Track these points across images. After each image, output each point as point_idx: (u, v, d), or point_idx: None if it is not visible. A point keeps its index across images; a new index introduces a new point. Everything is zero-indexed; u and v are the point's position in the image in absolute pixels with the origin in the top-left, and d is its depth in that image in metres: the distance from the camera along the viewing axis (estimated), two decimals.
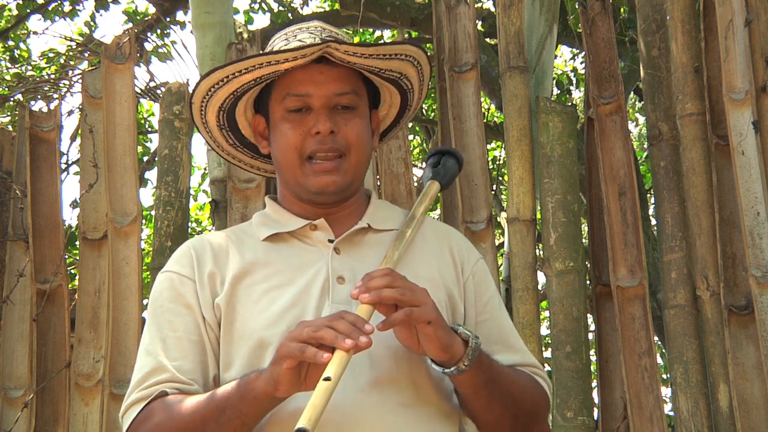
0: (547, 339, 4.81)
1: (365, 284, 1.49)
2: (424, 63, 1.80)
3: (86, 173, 2.75)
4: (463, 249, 1.78)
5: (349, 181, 1.70)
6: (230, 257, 1.68)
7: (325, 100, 1.67)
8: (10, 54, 7.04)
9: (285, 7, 6.91)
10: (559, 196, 2.57)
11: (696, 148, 2.51)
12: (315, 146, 1.66)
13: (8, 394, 2.68)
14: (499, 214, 6.59)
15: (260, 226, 1.74)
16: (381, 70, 1.74)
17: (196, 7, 2.99)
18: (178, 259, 1.71)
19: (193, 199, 8.00)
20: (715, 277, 2.42)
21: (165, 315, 1.65)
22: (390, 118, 1.89)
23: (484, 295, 1.75)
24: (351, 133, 1.68)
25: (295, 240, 1.70)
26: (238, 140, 1.86)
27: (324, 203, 1.71)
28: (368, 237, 1.71)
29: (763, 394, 2.32)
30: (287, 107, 1.69)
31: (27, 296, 2.74)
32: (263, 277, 1.65)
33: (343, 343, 1.39)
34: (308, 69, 1.68)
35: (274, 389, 1.44)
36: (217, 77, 1.71)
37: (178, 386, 1.58)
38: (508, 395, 1.61)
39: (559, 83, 6.95)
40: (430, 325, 1.48)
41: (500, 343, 1.70)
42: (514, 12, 2.71)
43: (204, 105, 1.77)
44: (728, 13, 2.49)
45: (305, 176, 1.68)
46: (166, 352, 1.61)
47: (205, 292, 1.64)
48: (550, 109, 2.64)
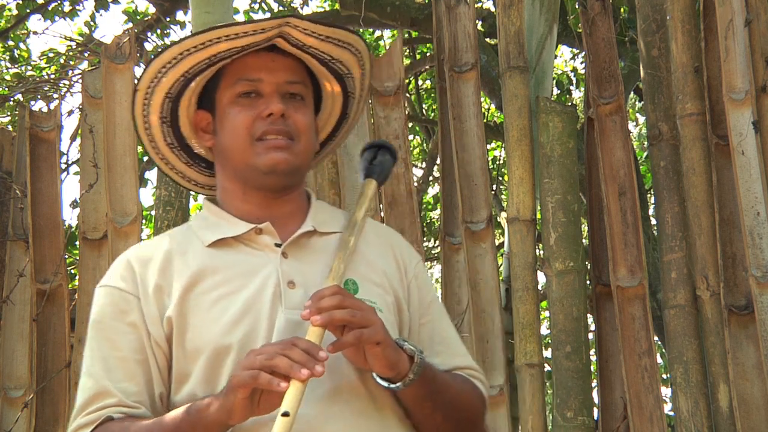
0: (547, 339, 4.81)
1: (315, 304, 1.47)
2: (367, 69, 1.80)
3: (86, 173, 2.75)
4: (405, 251, 1.78)
5: (298, 165, 1.67)
6: (175, 267, 1.62)
7: (276, 86, 1.66)
8: (10, 54, 7.04)
9: (285, 7, 6.91)
10: (559, 196, 2.57)
11: (696, 148, 2.50)
12: (266, 127, 1.63)
13: (8, 394, 2.68)
14: (499, 214, 6.59)
15: (203, 231, 1.68)
16: (332, 60, 1.74)
17: (196, 7, 2.99)
18: (119, 273, 1.64)
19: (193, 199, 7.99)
20: (715, 277, 2.42)
21: (106, 333, 1.59)
22: (328, 128, 1.87)
23: (426, 298, 1.75)
24: (301, 119, 1.67)
25: (241, 245, 1.66)
26: (176, 140, 1.80)
27: (271, 187, 1.67)
28: (313, 240, 1.68)
29: (763, 394, 2.32)
30: (238, 91, 1.66)
31: (27, 296, 2.74)
32: (212, 285, 1.60)
33: (298, 373, 1.38)
34: (260, 56, 1.67)
35: (228, 418, 1.43)
36: (171, 54, 1.66)
37: (124, 410, 1.54)
38: (449, 405, 1.62)
39: (559, 83, 6.95)
40: (378, 345, 1.48)
41: (441, 345, 1.70)
42: (514, 12, 2.71)
43: (150, 91, 1.70)
44: (728, 13, 2.49)
45: (256, 155, 1.64)
46: (110, 374, 1.56)
47: (151, 307, 1.58)
48: (550, 109, 2.64)
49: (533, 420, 2.44)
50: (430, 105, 7.65)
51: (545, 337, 5.10)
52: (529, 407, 2.46)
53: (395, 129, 2.69)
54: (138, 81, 1.71)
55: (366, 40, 1.79)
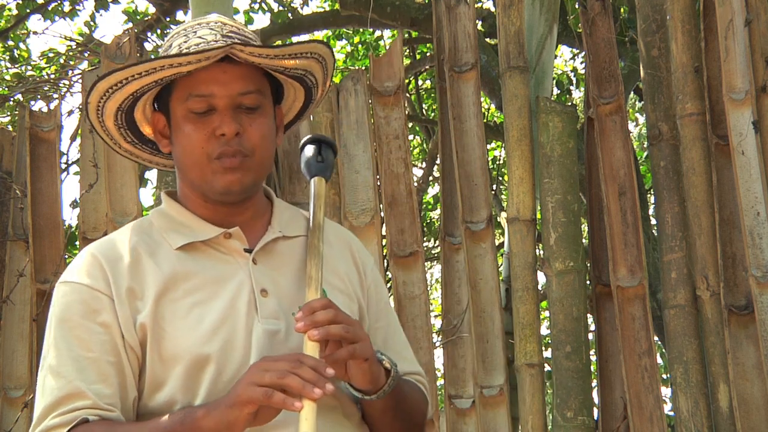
0: (547, 339, 4.81)
1: (309, 318, 1.47)
2: (328, 58, 1.73)
3: (86, 173, 2.75)
4: (362, 252, 1.78)
5: (253, 180, 1.64)
6: (146, 269, 1.59)
7: (228, 100, 1.62)
8: (10, 54, 7.04)
9: (285, 7, 6.91)
10: (559, 196, 2.57)
11: (696, 148, 2.51)
12: (221, 148, 1.60)
13: (8, 394, 2.67)
14: (499, 214, 6.60)
15: (169, 233, 1.65)
16: (286, 69, 1.71)
17: (196, 7, 2.99)
18: (87, 270, 1.59)
19: None
20: (715, 277, 2.42)
21: (75, 332, 1.54)
22: (294, 111, 1.84)
23: (381, 301, 1.75)
24: (256, 134, 1.63)
25: (210, 249, 1.64)
26: (137, 137, 1.78)
27: (228, 203, 1.66)
28: (280, 245, 1.67)
29: (763, 394, 2.32)
30: (190, 108, 1.62)
31: (27, 296, 2.74)
32: (185, 291, 1.58)
33: (312, 393, 1.38)
34: (211, 68, 1.62)
35: (227, 430, 1.42)
36: (116, 79, 1.64)
37: (98, 413, 1.50)
38: (408, 413, 1.66)
39: (559, 83, 6.95)
40: (366, 361, 1.50)
41: (392, 350, 1.70)
42: (514, 12, 2.71)
43: (101, 106, 1.69)
44: (728, 13, 2.49)
45: (212, 174, 1.61)
46: (82, 375, 1.51)
47: (125, 310, 1.55)
48: (550, 109, 2.64)
49: (533, 420, 2.44)
50: (430, 105, 7.65)
51: (545, 337, 5.10)
52: (529, 407, 2.46)
53: (395, 129, 2.69)
54: (87, 95, 1.68)
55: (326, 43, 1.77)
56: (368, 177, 2.64)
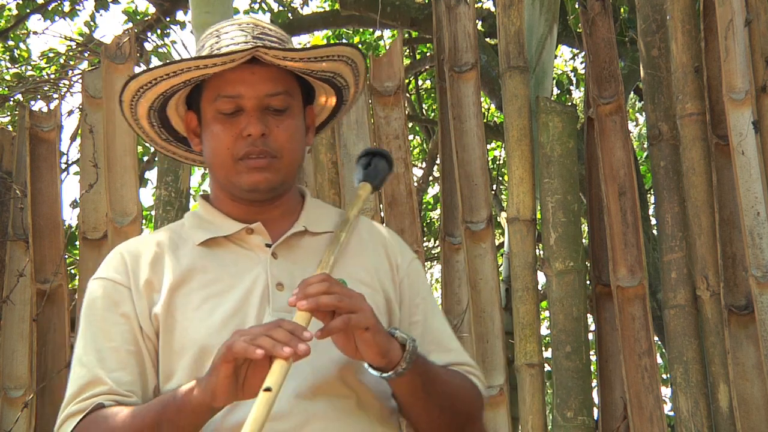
0: (547, 339, 4.81)
1: (302, 291, 1.47)
2: (359, 60, 1.75)
3: (86, 173, 2.75)
4: (398, 249, 1.77)
5: (281, 180, 1.67)
6: (166, 264, 1.64)
7: (256, 101, 1.64)
8: (10, 54, 7.04)
9: (285, 7, 6.91)
10: (559, 196, 2.57)
11: (696, 148, 2.51)
12: (247, 148, 1.62)
13: (8, 394, 2.67)
14: (499, 214, 6.59)
15: (195, 230, 1.69)
16: (313, 72, 1.72)
17: (196, 7, 2.99)
18: (112, 266, 1.66)
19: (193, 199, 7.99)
20: (715, 277, 2.42)
21: (99, 324, 1.60)
22: (327, 111, 1.85)
23: (417, 296, 1.73)
24: (283, 135, 1.65)
25: (232, 244, 1.67)
26: (171, 135, 1.81)
27: (257, 200, 1.68)
28: (305, 241, 1.68)
29: (763, 394, 2.32)
30: (219, 109, 1.65)
31: (27, 296, 2.74)
32: (201, 284, 1.61)
33: (281, 351, 1.37)
34: (239, 69, 1.64)
35: (212, 399, 1.42)
36: (145, 80, 1.67)
37: (116, 398, 1.54)
38: (445, 397, 1.60)
39: (559, 83, 6.95)
40: (368, 331, 1.47)
41: (433, 344, 1.69)
42: (514, 12, 2.71)
43: (134, 104, 1.74)
44: (728, 13, 2.49)
45: (238, 174, 1.64)
46: (102, 364, 1.56)
47: (142, 301, 1.60)
48: (550, 109, 2.64)
49: (533, 420, 2.44)
50: (430, 105, 7.65)
51: (545, 337, 5.10)
52: (529, 407, 2.46)
53: (395, 129, 2.69)
54: (120, 94, 1.72)
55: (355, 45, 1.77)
56: None
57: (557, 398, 2.46)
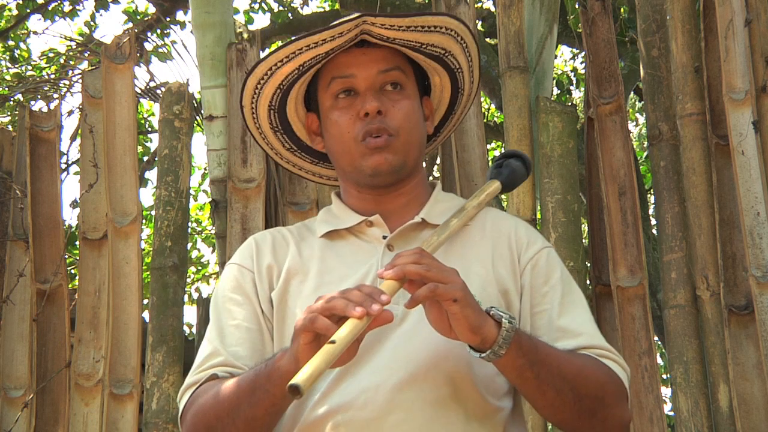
0: None
1: (392, 262, 1.46)
2: (469, 40, 1.76)
3: (86, 173, 2.75)
4: (523, 239, 1.72)
5: (402, 160, 1.68)
6: (289, 252, 1.70)
7: (370, 80, 1.68)
8: (10, 54, 7.04)
9: (285, 7, 6.91)
10: (559, 196, 2.57)
11: (696, 148, 2.51)
12: (366, 127, 1.65)
13: (8, 394, 2.68)
14: None
15: (321, 223, 1.76)
16: (423, 45, 1.73)
17: (196, 7, 2.99)
18: (241, 251, 1.75)
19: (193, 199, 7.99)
20: (715, 277, 2.42)
21: (225, 305, 1.68)
22: (444, 104, 1.86)
23: (543, 287, 1.67)
24: (399, 113, 1.67)
25: (352, 236, 1.71)
26: (295, 144, 1.86)
27: (380, 185, 1.70)
28: (424, 233, 1.68)
29: (763, 394, 2.32)
30: (333, 92, 1.70)
31: (27, 296, 2.74)
32: (316, 273, 1.66)
33: (353, 311, 1.36)
34: (351, 52, 1.70)
35: (296, 367, 1.40)
36: (261, 72, 1.72)
37: (230, 370, 1.59)
38: (561, 378, 1.52)
39: (559, 83, 6.95)
40: (456, 303, 1.42)
41: (560, 331, 1.62)
42: (514, 12, 2.71)
43: (254, 106, 1.77)
44: (728, 13, 2.49)
45: (360, 156, 1.66)
46: (222, 339, 1.63)
47: (264, 284, 1.67)
48: (550, 109, 2.64)
49: (533, 420, 2.44)
50: None
51: None
52: (529, 407, 2.46)
53: None
54: (241, 98, 1.78)
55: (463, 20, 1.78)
56: None
57: None
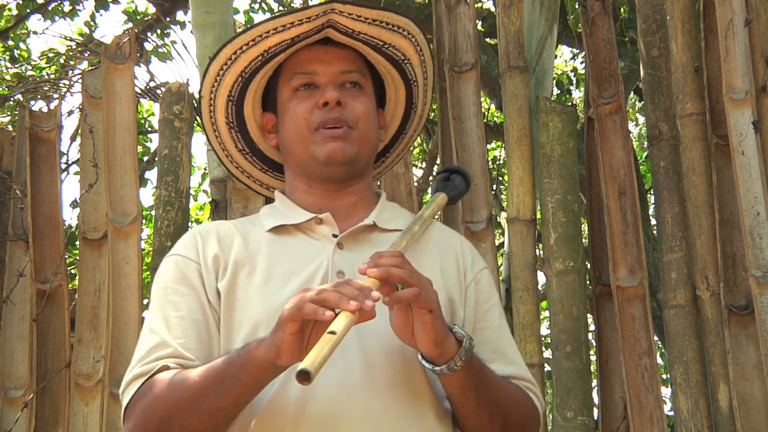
0: (547, 339, 4.81)
1: (374, 260, 1.48)
2: (426, 54, 1.80)
3: (86, 173, 2.75)
4: (468, 255, 1.78)
5: (356, 153, 1.69)
6: (234, 244, 1.69)
7: (331, 77, 1.70)
8: (10, 54, 7.04)
9: (285, 7, 6.91)
10: (559, 196, 2.57)
11: (696, 148, 2.50)
12: (323, 116, 1.67)
13: (8, 394, 2.67)
14: (499, 214, 6.59)
15: (267, 217, 1.75)
16: (385, 45, 1.75)
17: (196, 7, 2.99)
18: (184, 243, 1.73)
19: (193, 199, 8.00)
20: (715, 277, 2.42)
21: (169, 296, 1.65)
22: (396, 122, 1.89)
23: (485, 304, 1.74)
24: (358, 107, 1.70)
25: (300, 233, 1.71)
26: (247, 146, 1.87)
27: (332, 177, 1.71)
28: (373, 235, 1.71)
29: (763, 394, 2.32)
30: (294, 86, 1.71)
31: (27, 296, 2.74)
32: (264, 267, 1.65)
33: (347, 305, 1.37)
34: (314, 50, 1.72)
35: (276, 356, 1.42)
36: (226, 54, 1.73)
37: (180, 361, 1.58)
38: (496, 403, 1.59)
39: (559, 83, 6.95)
40: (430, 313, 1.46)
41: (496, 353, 1.69)
42: (514, 12, 2.71)
43: (213, 95, 1.78)
44: (728, 13, 2.49)
45: (315, 144, 1.68)
46: (170, 330, 1.61)
47: (210, 275, 1.66)
48: (550, 109, 2.64)
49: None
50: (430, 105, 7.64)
51: (545, 337, 5.10)
52: None
53: None
54: (200, 87, 1.80)
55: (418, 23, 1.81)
56: None
57: (557, 398, 2.46)
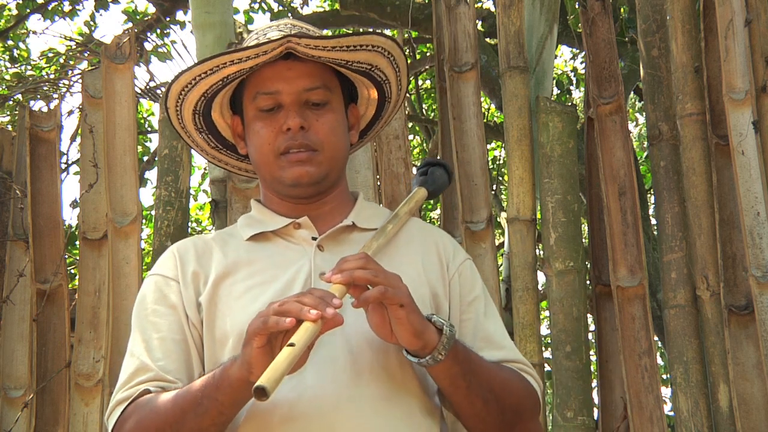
0: (547, 339, 4.81)
1: (338, 266, 1.49)
2: (397, 53, 1.76)
3: (86, 173, 2.75)
4: (450, 248, 1.78)
5: (324, 173, 1.69)
6: (213, 257, 1.68)
7: (295, 96, 1.67)
8: (10, 54, 7.04)
9: (285, 7, 6.91)
10: (559, 196, 2.57)
11: (696, 148, 2.50)
12: (287, 142, 1.66)
13: (8, 394, 2.67)
14: (499, 214, 6.60)
15: (244, 227, 1.74)
16: (349, 63, 1.73)
17: (196, 7, 2.99)
18: (163, 262, 1.72)
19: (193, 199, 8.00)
20: (715, 277, 2.42)
21: (149, 317, 1.65)
22: (373, 107, 1.87)
23: (469, 295, 1.73)
24: (322, 128, 1.68)
25: (279, 239, 1.70)
26: (220, 143, 1.85)
27: (301, 197, 1.71)
28: (353, 235, 1.71)
29: (763, 394, 2.32)
30: (259, 106, 1.69)
31: (27, 296, 2.74)
32: (245, 275, 1.64)
33: (308, 314, 1.38)
34: (276, 66, 1.68)
35: (249, 373, 1.42)
36: (185, 80, 1.70)
37: (161, 384, 1.58)
38: (489, 388, 1.59)
39: (559, 83, 6.96)
40: (402, 308, 1.46)
41: (484, 340, 1.69)
42: (514, 12, 2.71)
43: (179, 108, 1.77)
44: (728, 13, 2.49)
45: (281, 169, 1.67)
46: (150, 353, 1.61)
47: (189, 291, 1.65)
48: (550, 109, 2.64)
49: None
50: (430, 105, 7.65)
51: (545, 337, 5.10)
52: None
53: (395, 129, 2.69)
54: (165, 101, 1.79)
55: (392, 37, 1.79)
56: (368, 177, 2.63)
57: (557, 398, 2.46)
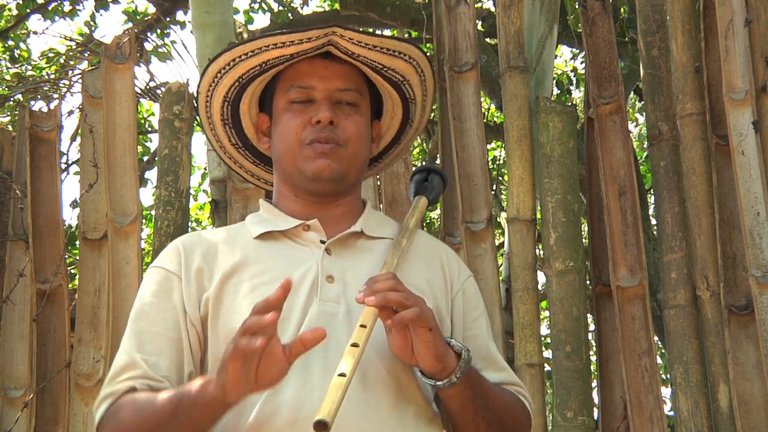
0: (547, 339, 4.81)
1: (369, 288, 1.49)
2: (428, 74, 1.80)
3: (86, 173, 2.75)
4: (454, 265, 1.79)
5: (345, 170, 1.70)
6: (220, 254, 1.68)
7: (327, 93, 1.70)
8: (10, 54, 7.04)
9: (285, 7, 6.91)
10: (559, 196, 2.57)
11: (696, 148, 2.50)
12: (314, 134, 1.67)
13: (8, 394, 2.67)
14: (499, 214, 6.59)
15: (253, 225, 1.75)
16: (384, 68, 1.75)
17: (196, 7, 2.99)
18: (167, 255, 1.71)
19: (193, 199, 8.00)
20: (715, 277, 2.42)
21: (145, 309, 1.64)
22: (392, 132, 1.90)
23: (473, 312, 1.75)
24: (350, 127, 1.70)
25: (288, 239, 1.71)
26: (241, 141, 1.87)
27: (318, 192, 1.71)
28: (360, 242, 1.71)
29: (763, 394, 2.32)
30: (291, 98, 1.71)
31: (27, 296, 2.74)
32: (252, 274, 1.64)
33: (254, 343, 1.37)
34: (313, 63, 1.71)
35: (224, 395, 1.42)
36: (224, 61, 1.73)
37: (148, 383, 1.57)
38: (493, 411, 1.62)
39: (559, 83, 6.96)
40: (430, 332, 1.48)
41: (486, 360, 1.71)
42: (514, 12, 2.71)
43: (210, 94, 1.78)
44: (728, 13, 2.49)
45: (304, 160, 1.68)
46: (141, 348, 1.60)
47: (191, 288, 1.64)
48: (550, 109, 2.64)
49: (533, 420, 2.43)
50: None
51: (545, 337, 5.10)
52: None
53: None
54: (198, 84, 1.80)
55: (426, 54, 1.81)
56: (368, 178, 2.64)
57: (557, 398, 2.46)
